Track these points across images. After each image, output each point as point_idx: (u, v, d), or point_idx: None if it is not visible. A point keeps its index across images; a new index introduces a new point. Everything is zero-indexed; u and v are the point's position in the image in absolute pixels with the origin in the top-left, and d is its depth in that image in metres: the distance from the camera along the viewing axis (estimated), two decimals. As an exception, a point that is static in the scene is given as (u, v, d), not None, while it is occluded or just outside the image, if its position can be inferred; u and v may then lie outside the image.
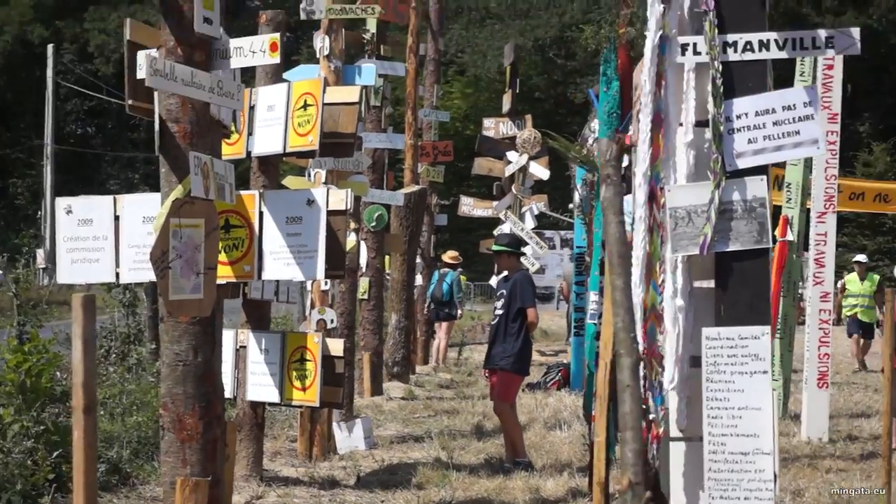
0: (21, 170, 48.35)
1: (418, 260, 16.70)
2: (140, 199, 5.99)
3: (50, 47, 42.00)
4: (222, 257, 6.52)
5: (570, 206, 18.14)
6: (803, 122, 3.82)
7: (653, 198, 3.81)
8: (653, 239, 3.81)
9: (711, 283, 3.89)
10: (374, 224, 11.85)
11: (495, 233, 18.42)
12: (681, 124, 3.93)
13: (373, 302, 12.28)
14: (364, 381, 11.78)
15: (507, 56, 19.80)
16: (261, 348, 7.38)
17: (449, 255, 18.17)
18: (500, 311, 8.29)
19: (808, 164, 9.97)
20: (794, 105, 3.86)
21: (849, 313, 17.61)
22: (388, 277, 14.26)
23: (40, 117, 42.30)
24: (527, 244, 15.20)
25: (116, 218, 5.80)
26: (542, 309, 13.38)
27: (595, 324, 8.33)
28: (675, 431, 3.90)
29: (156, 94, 4.92)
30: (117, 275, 5.87)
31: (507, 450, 8.15)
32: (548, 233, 21.92)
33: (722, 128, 3.80)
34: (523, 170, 18.34)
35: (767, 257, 3.90)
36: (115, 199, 5.89)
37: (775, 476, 3.64)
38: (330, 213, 6.42)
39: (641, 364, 3.85)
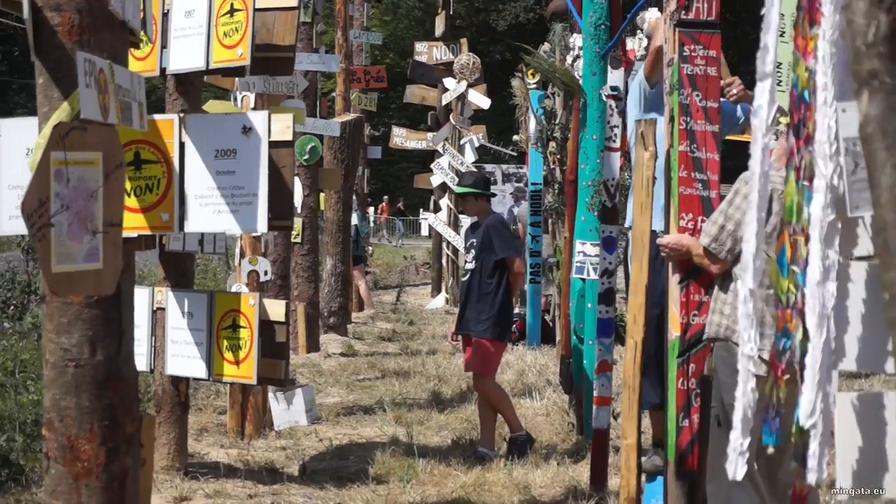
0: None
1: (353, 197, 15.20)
2: (23, 124, 4.49)
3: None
4: (133, 202, 5.08)
5: (515, 137, 16.77)
6: None
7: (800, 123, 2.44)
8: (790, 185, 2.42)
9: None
10: (306, 157, 10.39)
11: (433, 167, 17.09)
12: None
13: (307, 246, 10.82)
14: (299, 335, 10.38)
15: (440, -25, 18.44)
16: (183, 311, 5.95)
17: None
18: (471, 266, 6.91)
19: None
20: None
21: None
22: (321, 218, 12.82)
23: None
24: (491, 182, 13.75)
25: (-9, 150, 4.37)
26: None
27: (582, 279, 7.06)
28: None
29: (28, -30, 3.42)
30: (-6, 224, 4.43)
31: (482, 432, 6.76)
32: (489, 167, 20.54)
33: None
34: (461, 98, 17.05)
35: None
36: (-13, 125, 4.42)
37: None
38: (272, 144, 5.02)
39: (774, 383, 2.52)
